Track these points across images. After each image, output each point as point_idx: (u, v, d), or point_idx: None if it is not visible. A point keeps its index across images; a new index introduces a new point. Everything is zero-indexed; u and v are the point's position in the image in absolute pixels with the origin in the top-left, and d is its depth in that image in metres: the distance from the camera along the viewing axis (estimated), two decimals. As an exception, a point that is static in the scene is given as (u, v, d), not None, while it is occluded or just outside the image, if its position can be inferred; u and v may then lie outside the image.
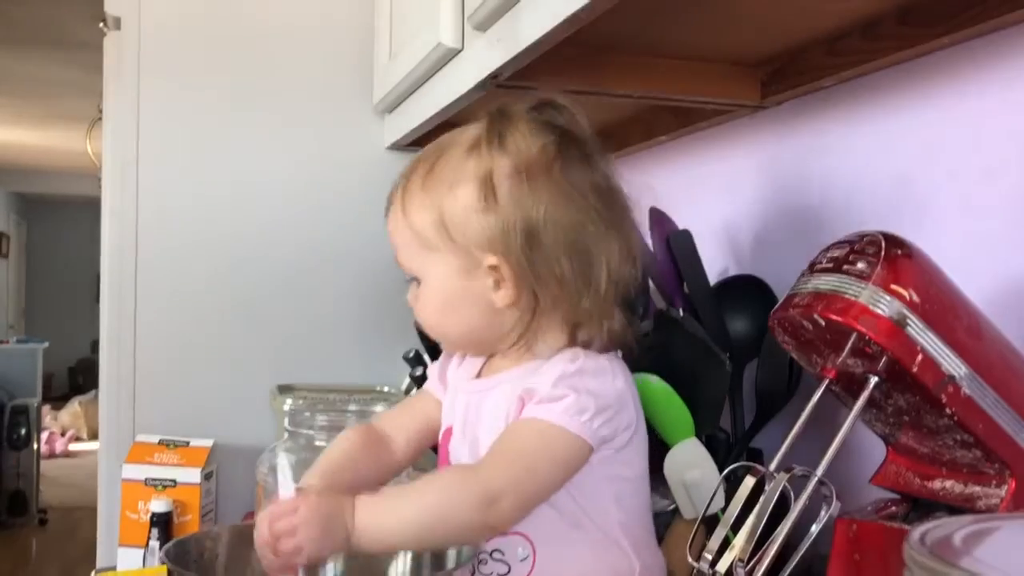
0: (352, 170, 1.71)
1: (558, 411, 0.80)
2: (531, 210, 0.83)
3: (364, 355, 1.68)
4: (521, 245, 0.83)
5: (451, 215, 0.85)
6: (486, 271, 0.85)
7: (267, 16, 1.67)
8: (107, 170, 1.62)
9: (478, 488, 0.78)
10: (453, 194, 0.85)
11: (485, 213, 0.83)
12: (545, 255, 0.83)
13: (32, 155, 7.68)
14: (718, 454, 1.02)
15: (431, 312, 0.90)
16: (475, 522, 0.79)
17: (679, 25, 1.05)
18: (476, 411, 0.90)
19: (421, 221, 0.86)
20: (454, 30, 1.18)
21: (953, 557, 0.44)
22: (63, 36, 4.20)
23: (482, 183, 0.84)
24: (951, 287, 0.74)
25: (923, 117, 0.98)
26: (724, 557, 0.74)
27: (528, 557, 0.85)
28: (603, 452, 0.83)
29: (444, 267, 0.86)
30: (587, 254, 0.84)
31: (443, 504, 0.79)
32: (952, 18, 0.87)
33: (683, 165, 1.44)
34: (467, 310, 0.87)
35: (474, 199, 0.84)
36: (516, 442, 0.82)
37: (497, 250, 0.83)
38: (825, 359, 0.76)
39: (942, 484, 0.75)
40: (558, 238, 0.83)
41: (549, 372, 0.83)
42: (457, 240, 0.85)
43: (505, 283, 0.84)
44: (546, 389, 0.82)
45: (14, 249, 9.53)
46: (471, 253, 0.85)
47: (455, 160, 0.86)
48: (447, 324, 0.90)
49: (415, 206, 0.87)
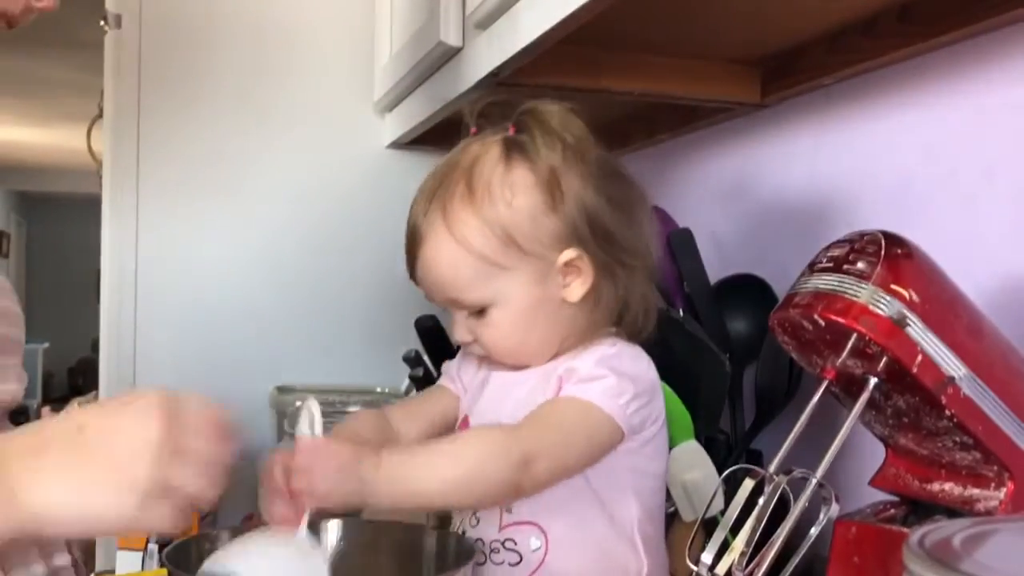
0: (352, 169, 1.71)
1: (597, 391, 0.82)
2: (591, 195, 0.85)
3: (364, 356, 1.68)
4: (591, 230, 0.84)
5: (516, 226, 0.83)
6: (560, 270, 0.85)
7: (267, 15, 1.66)
8: (107, 169, 1.61)
9: (517, 448, 0.79)
10: (512, 206, 0.84)
11: (553, 212, 0.84)
12: (619, 234, 0.86)
13: (32, 154, 7.68)
14: (718, 456, 1.01)
15: (510, 334, 0.87)
16: (510, 481, 0.79)
17: (679, 23, 1.05)
18: (504, 398, 0.90)
19: (486, 246, 0.84)
20: (455, 28, 1.18)
21: (952, 560, 0.44)
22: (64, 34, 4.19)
23: (545, 184, 0.84)
24: (951, 287, 0.73)
25: (923, 116, 0.98)
26: (723, 559, 0.74)
27: (540, 547, 0.85)
28: (629, 443, 0.85)
29: (519, 284, 0.85)
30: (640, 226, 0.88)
31: (481, 457, 0.79)
32: (952, 16, 0.87)
33: (683, 164, 1.43)
34: (545, 318, 0.87)
35: (538, 203, 0.84)
36: (555, 413, 0.83)
37: (571, 244, 0.85)
38: (825, 360, 0.76)
39: (941, 486, 0.75)
40: (620, 216, 0.86)
41: (590, 354, 0.85)
42: (528, 250, 0.84)
43: (583, 274, 0.86)
44: (587, 369, 0.84)
45: (14, 248, 9.53)
46: (545, 258, 0.85)
47: (497, 174, 0.85)
48: (529, 340, 0.88)
49: (474, 232, 0.84)
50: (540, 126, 0.85)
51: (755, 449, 1.09)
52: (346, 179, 1.71)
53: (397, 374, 1.57)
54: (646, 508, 0.88)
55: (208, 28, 1.64)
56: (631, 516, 0.87)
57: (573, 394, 0.83)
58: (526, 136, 0.85)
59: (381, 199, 1.71)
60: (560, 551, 0.85)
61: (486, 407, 0.92)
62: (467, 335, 0.89)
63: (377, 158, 1.71)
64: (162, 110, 1.61)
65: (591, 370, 0.84)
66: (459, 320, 0.89)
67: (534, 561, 0.85)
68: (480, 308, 0.87)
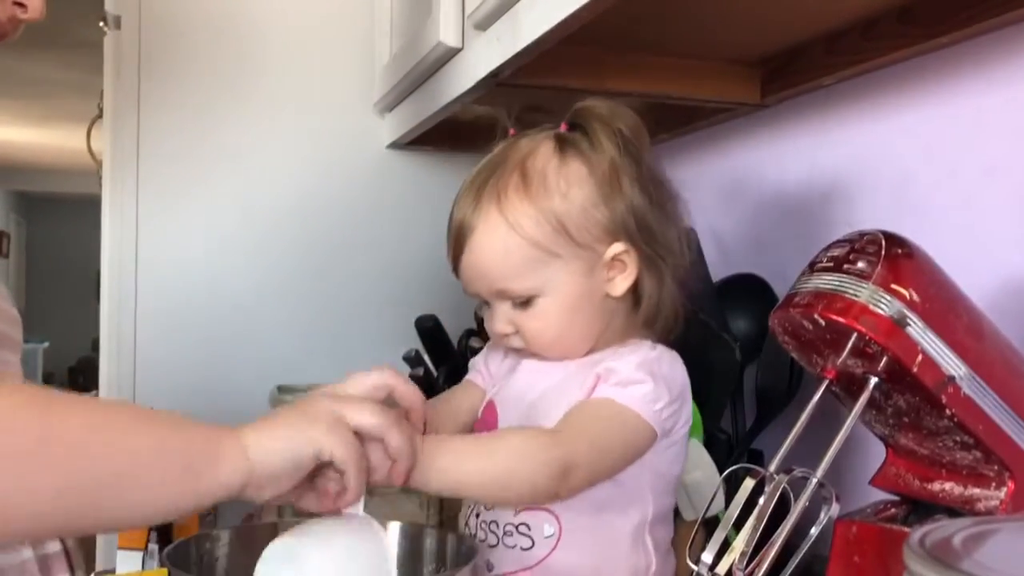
0: (352, 169, 1.71)
1: (637, 396, 0.83)
2: (639, 193, 0.86)
3: (364, 356, 1.68)
4: (638, 226, 0.86)
5: (569, 216, 0.85)
6: (606, 264, 0.87)
7: (267, 15, 1.66)
8: (107, 169, 1.61)
9: (559, 456, 0.79)
10: (567, 197, 0.85)
11: (605, 206, 0.86)
12: (661, 231, 0.87)
13: (32, 154, 7.68)
14: (718, 455, 1.01)
15: (555, 324, 0.88)
16: (547, 488, 0.80)
17: (679, 24, 1.05)
18: (533, 386, 0.90)
19: (540, 233, 0.85)
20: (454, 29, 1.18)
21: (953, 559, 0.44)
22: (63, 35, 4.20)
23: (599, 178, 0.86)
24: (951, 287, 0.73)
25: (923, 116, 0.98)
26: (724, 559, 0.74)
27: (554, 535, 0.86)
28: (657, 445, 0.85)
29: (567, 273, 0.86)
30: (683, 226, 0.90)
31: (521, 464, 0.80)
32: (952, 16, 0.87)
33: (683, 164, 1.43)
34: (589, 310, 0.88)
35: (591, 195, 0.86)
36: (594, 419, 0.83)
37: (620, 237, 0.86)
38: (825, 359, 0.76)
39: (942, 486, 0.75)
40: (664, 214, 0.88)
41: (631, 356, 0.86)
42: (579, 240, 0.86)
43: (627, 269, 0.87)
44: (628, 371, 0.84)
45: (14, 249, 9.53)
46: (594, 250, 0.86)
47: (552, 166, 0.86)
48: (571, 332, 0.89)
49: (529, 220, 0.85)
50: (598, 120, 0.87)
51: (756, 449, 1.09)
52: (346, 179, 1.70)
53: (397, 374, 1.57)
54: (659, 509, 0.88)
55: (208, 28, 1.64)
56: (645, 515, 0.87)
57: (612, 397, 0.83)
58: (580, 132, 0.88)
59: (381, 199, 1.71)
60: (572, 541, 0.86)
61: (514, 393, 0.92)
62: (507, 326, 0.89)
63: (377, 158, 1.71)
64: (162, 110, 1.61)
65: (632, 373, 0.84)
66: (500, 311, 0.89)
67: (546, 548, 0.86)
68: (526, 298, 0.87)
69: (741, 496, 0.75)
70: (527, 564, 0.86)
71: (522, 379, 0.93)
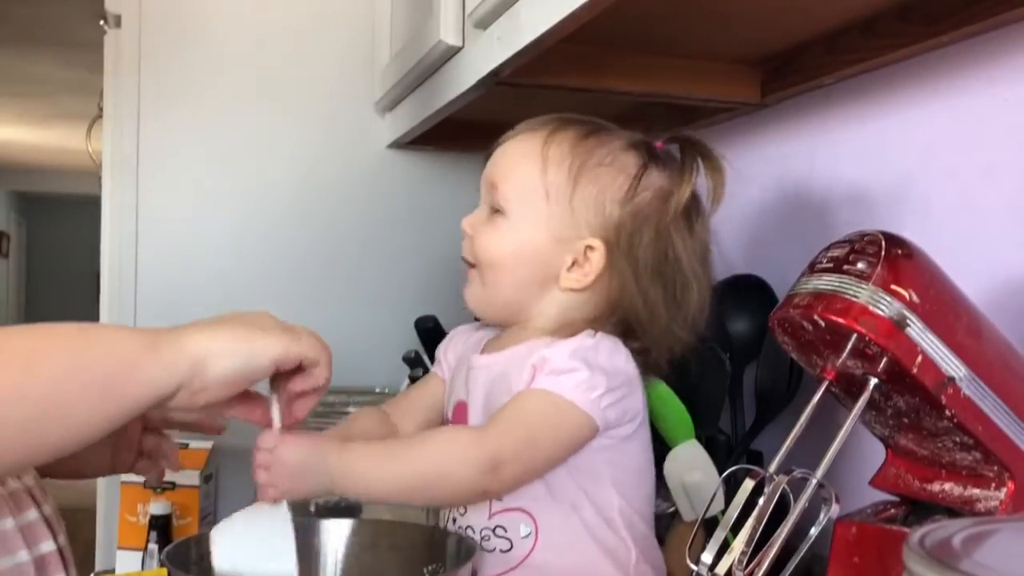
0: (352, 168, 1.70)
1: (570, 385, 0.82)
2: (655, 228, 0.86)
3: (364, 356, 1.68)
4: (627, 249, 0.86)
5: (585, 186, 0.87)
6: (577, 250, 0.87)
7: (267, 14, 1.66)
8: (107, 169, 1.61)
9: (484, 452, 0.80)
10: (598, 170, 0.87)
11: (618, 205, 0.86)
12: (637, 269, 0.86)
13: (32, 154, 7.68)
14: (718, 456, 1.01)
15: (497, 250, 0.89)
16: (474, 485, 0.81)
17: (679, 23, 1.05)
18: (502, 384, 0.89)
19: (556, 173, 0.87)
20: (455, 28, 1.18)
21: (952, 560, 0.44)
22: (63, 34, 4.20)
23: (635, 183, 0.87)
24: (951, 287, 0.73)
25: (923, 115, 0.98)
26: (723, 559, 0.74)
27: (531, 534, 0.86)
28: (604, 439, 0.84)
29: (543, 220, 0.87)
30: (674, 290, 0.88)
31: (445, 461, 0.81)
32: (952, 16, 0.87)
33: (683, 164, 1.43)
34: (530, 271, 0.88)
35: (616, 188, 0.86)
36: (524, 411, 0.83)
37: (604, 237, 0.86)
38: (825, 360, 0.76)
39: (941, 486, 0.75)
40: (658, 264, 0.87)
41: (565, 344, 0.85)
42: (576, 209, 0.86)
43: (586, 268, 0.87)
44: (561, 360, 0.83)
45: (14, 249, 9.53)
46: (578, 227, 0.86)
47: (616, 146, 0.88)
48: (505, 269, 0.89)
49: (558, 156, 0.87)
50: (697, 159, 0.88)
51: (755, 449, 1.09)
52: (346, 179, 1.70)
53: (397, 374, 1.57)
54: (628, 499, 0.87)
55: (208, 28, 1.64)
56: (612, 507, 0.87)
57: (544, 387, 0.83)
58: (670, 154, 0.90)
59: (381, 199, 1.71)
60: (550, 538, 0.85)
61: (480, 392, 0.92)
62: (469, 227, 0.91)
63: (377, 158, 1.71)
64: (162, 110, 1.61)
65: (564, 362, 0.83)
66: (478, 210, 0.91)
67: (525, 547, 0.86)
68: (500, 207, 0.89)
69: (741, 497, 0.75)
70: (510, 565, 0.86)
71: (477, 372, 0.92)
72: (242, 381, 0.74)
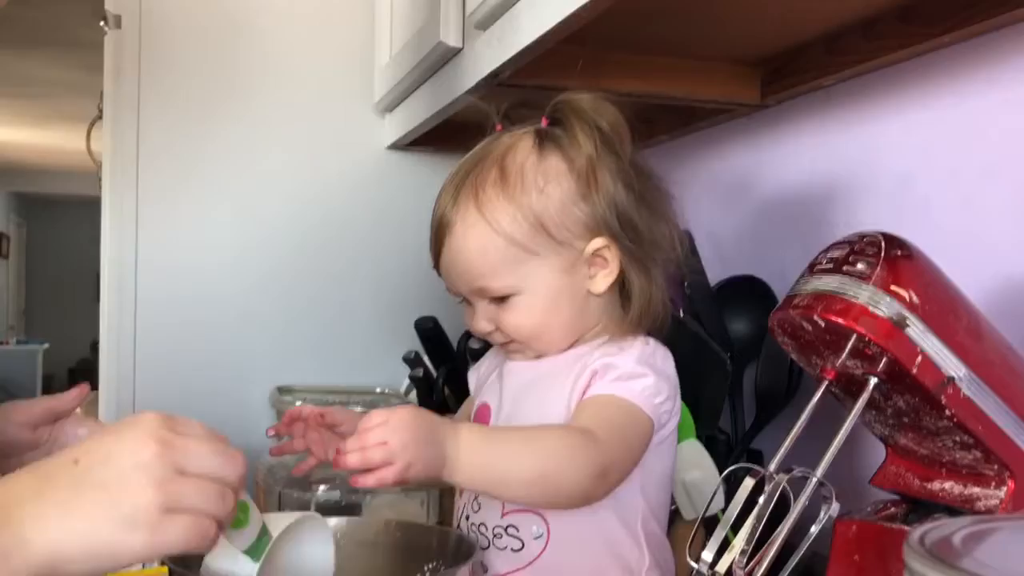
0: (352, 170, 1.71)
1: (638, 390, 0.82)
2: (621, 188, 0.85)
3: (364, 356, 1.68)
4: (620, 222, 0.85)
5: (547, 213, 0.84)
6: (587, 260, 0.86)
7: (267, 15, 1.66)
8: (107, 170, 1.61)
9: (598, 458, 0.78)
10: (545, 193, 0.85)
11: (584, 202, 0.85)
12: (644, 227, 0.86)
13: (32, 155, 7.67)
14: (718, 455, 1.02)
15: (535, 320, 0.87)
16: (584, 489, 0.79)
17: (679, 24, 1.05)
18: (533, 391, 0.89)
19: (517, 231, 0.84)
20: (455, 29, 1.18)
21: (952, 558, 0.44)
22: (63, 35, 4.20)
23: (578, 173, 0.85)
24: (951, 288, 0.73)
25: (923, 116, 0.98)
26: (723, 558, 0.74)
27: (542, 535, 0.86)
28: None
29: (546, 271, 0.86)
30: (668, 220, 0.88)
31: (564, 463, 0.78)
32: (952, 17, 0.87)
33: (683, 165, 1.43)
34: (570, 306, 0.87)
35: (570, 191, 0.85)
36: (613, 417, 0.82)
37: (602, 232, 0.85)
38: (825, 360, 0.76)
39: (941, 485, 0.75)
40: (649, 209, 0.86)
41: (629, 350, 0.85)
42: (558, 237, 0.85)
43: (609, 265, 0.86)
44: (629, 366, 0.83)
45: (14, 249, 9.52)
46: (573, 247, 0.86)
47: (530, 163, 0.86)
48: (552, 327, 0.88)
49: (507, 218, 0.84)
50: (576, 115, 0.86)
51: (755, 449, 1.09)
52: (346, 180, 1.70)
53: (397, 374, 1.57)
54: (651, 504, 0.88)
55: (208, 28, 1.64)
56: (636, 511, 0.87)
57: (615, 392, 0.82)
58: (560, 127, 0.87)
59: (381, 200, 1.71)
60: (562, 540, 0.85)
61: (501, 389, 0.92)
62: (487, 324, 0.89)
63: (377, 159, 1.71)
64: (162, 110, 1.61)
65: (633, 368, 0.83)
66: (480, 308, 0.89)
67: (536, 548, 0.86)
68: (504, 296, 0.87)
69: (741, 495, 0.75)
70: (520, 564, 0.86)
71: (510, 377, 0.92)
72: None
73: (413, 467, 0.72)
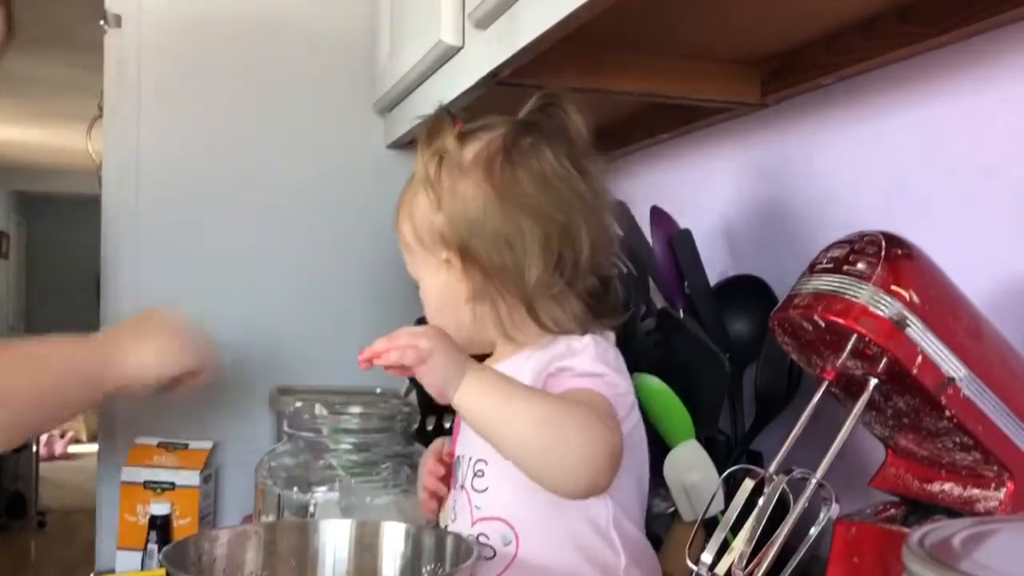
0: (352, 168, 1.71)
1: (601, 384, 0.83)
2: (473, 206, 0.87)
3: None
4: (463, 238, 0.87)
5: (418, 220, 0.92)
6: (446, 268, 0.90)
7: (267, 14, 1.66)
8: (107, 169, 1.61)
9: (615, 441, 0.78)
10: (416, 199, 0.91)
11: (436, 212, 0.89)
12: (485, 245, 0.87)
13: (32, 154, 7.68)
14: (718, 456, 1.01)
15: (429, 313, 0.96)
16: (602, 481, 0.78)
17: (679, 23, 1.05)
18: None
19: (404, 229, 0.94)
20: (454, 28, 1.18)
21: (952, 560, 0.44)
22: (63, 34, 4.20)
23: (429, 184, 0.89)
24: (951, 288, 0.73)
25: (923, 115, 0.98)
26: (723, 559, 0.74)
27: (512, 542, 0.86)
28: None
29: (425, 270, 0.93)
30: (523, 241, 0.85)
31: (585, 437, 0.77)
32: (952, 16, 0.87)
33: (683, 164, 1.43)
34: (451, 309, 0.92)
35: (427, 201, 0.90)
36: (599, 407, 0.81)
37: (447, 245, 0.89)
38: (825, 360, 0.76)
39: (941, 487, 0.75)
40: (497, 229, 0.86)
41: (584, 351, 0.85)
42: (425, 243, 0.91)
43: (460, 276, 0.89)
44: (586, 365, 0.84)
45: (14, 249, 9.52)
46: (434, 254, 0.91)
47: (419, 168, 0.92)
48: (443, 324, 0.90)
49: (402, 216, 0.94)
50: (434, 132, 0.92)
51: (755, 450, 1.09)
52: (346, 179, 1.70)
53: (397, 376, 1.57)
54: (620, 505, 0.86)
55: (208, 28, 1.64)
56: (604, 513, 0.85)
57: (584, 386, 0.82)
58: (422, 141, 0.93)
59: (381, 199, 1.69)
60: (531, 546, 0.85)
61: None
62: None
63: (377, 158, 1.71)
64: (162, 110, 1.61)
65: (591, 366, 0.83)
66: None
67: (507, 555, 0.85)
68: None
69: (740, 497, 0.75)
70: (494, 572, 0.86)
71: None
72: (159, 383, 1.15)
73: (433, 368, 0.77)
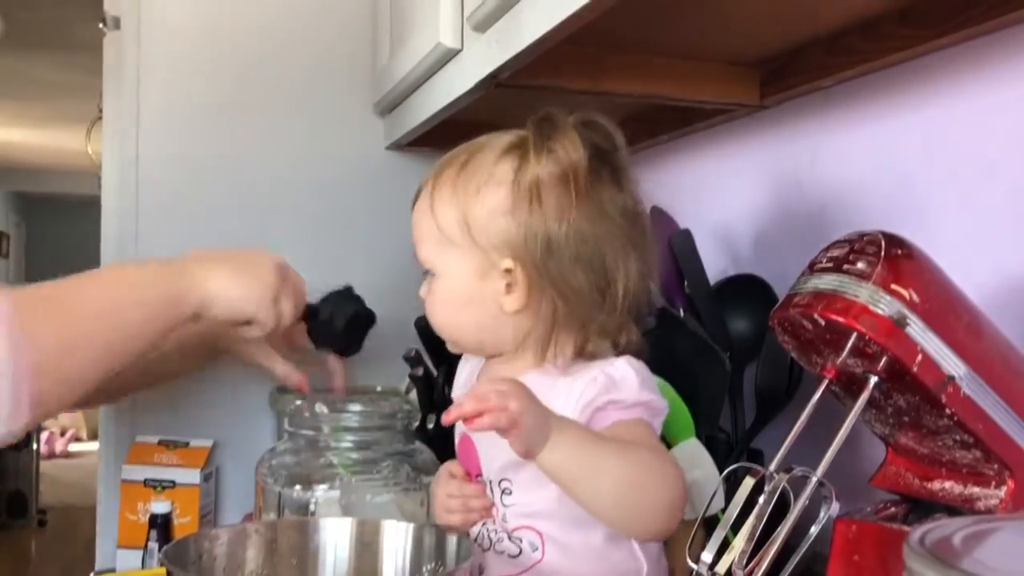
0: (351, 170, 1.70)
1: (646, 412, 0.84)
2: (557, 221, 0.84)
3: (364, 355, 1.68)
4: (540, 253, 0.84)
5: (475, 215, 0.86)
6: (500, 274, 0.86)
7: (267, 16, 1.66)
8: (107, 170, 1.61)
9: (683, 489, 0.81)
10: (480, 195, 0.86)
11: (511, 217, 0.85)
12: (561, 266, 0.84)
13: (32, 155, 7.68)
14: (718, 455, 1.01)
15: (442, 307, 0.91)
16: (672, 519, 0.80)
17: (679, 25, 1.05)
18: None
19: (446, 217, 0.88)
20: (453, 30, 1.18)
21: (952, 558, 0.44)
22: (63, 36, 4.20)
23: (515, 187, 0.85)
24: (951, 287, 0.73)
25: (923, 116, 0.98)
26: (723, 558, 0.74)
27: (539, 548, 0.86)
28: None
29: (461, 265, 0.88)
30: (604, 271, 0.85)
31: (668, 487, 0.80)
32: (952, 17, 0.87)
33: (683, 165, 1.44)
34: (476, 310, 0.88)
35: (502, 202, 0.85)
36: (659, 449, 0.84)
37: (515, 254, 0.85)
38: (825, 359, 0.76)
39: (941, 485, 0.75)
40: (578, 252, 0.84)
41: (626, 381, 0.84)
42: (478, 241, 0.86)
43: (516, 288, 0.85)
44: (635, 396, 0.84)
45: (14, 249, 9.52)
46: (488, 255, 0.86)
47: (488, 162, 0.87)
48: (456, 321, 0.90)
49: (443, 202, 0.88)
50: (548, 136, 0.85)
51: (755, 448, 1.09)
52: (345, 180, 1.70)
53: (397, 374, 1.57)
54: None
55: (207, 29, 1.64)
56: None
57: (640, 416, 0.84)
58: (536, 140, 0.86)
59: (380, 200, 1.70)
60: (558, 548, 0.86)
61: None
62: (425, 294, 0.93)
63: (376, 159, 1.71)
64: (162, 110, 1.61)
65: (637, 395, 0.84)
66: (426, 279, 0.93)
67: (534, 555, 0.86)
68: (427, 271, 0.92)
69: (741, 495, 0.75)
70: (517, 569, 0.87)
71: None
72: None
73: (525, 431, 0.75)
